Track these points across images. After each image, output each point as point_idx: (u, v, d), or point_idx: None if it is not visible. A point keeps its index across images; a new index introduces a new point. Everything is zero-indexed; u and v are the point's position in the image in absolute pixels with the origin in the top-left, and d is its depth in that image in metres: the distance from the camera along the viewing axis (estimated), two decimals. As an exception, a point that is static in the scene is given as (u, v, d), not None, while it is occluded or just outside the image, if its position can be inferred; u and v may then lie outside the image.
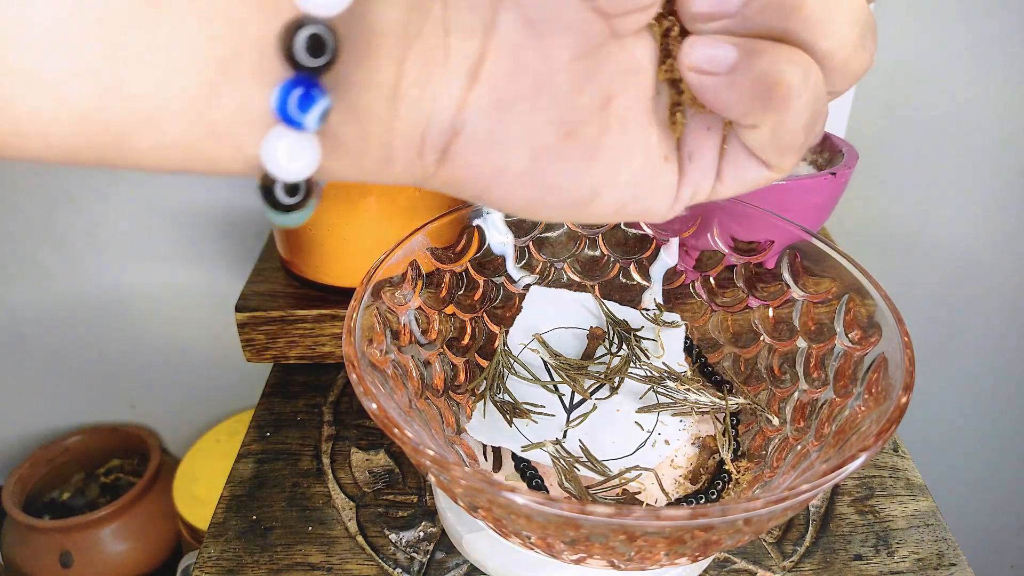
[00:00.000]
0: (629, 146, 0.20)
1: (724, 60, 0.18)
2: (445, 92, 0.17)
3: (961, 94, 0.64)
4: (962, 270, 0.76)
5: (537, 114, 0.18)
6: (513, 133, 0.18)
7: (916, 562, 0.35)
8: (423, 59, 0.17)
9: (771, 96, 0.18)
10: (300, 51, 0.14)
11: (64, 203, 0.68)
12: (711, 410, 0.34)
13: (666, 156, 0.20)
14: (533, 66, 0.18)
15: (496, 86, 0.18)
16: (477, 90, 0.18)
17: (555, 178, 0.19)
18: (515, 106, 0.18)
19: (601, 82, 0.19)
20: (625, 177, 0.20)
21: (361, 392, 0.24)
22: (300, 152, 0.16)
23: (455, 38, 0.17)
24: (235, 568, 0.35)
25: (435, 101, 0.17)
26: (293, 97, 0.15)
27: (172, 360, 0.80)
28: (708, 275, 0.38)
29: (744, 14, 0.17)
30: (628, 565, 0.25)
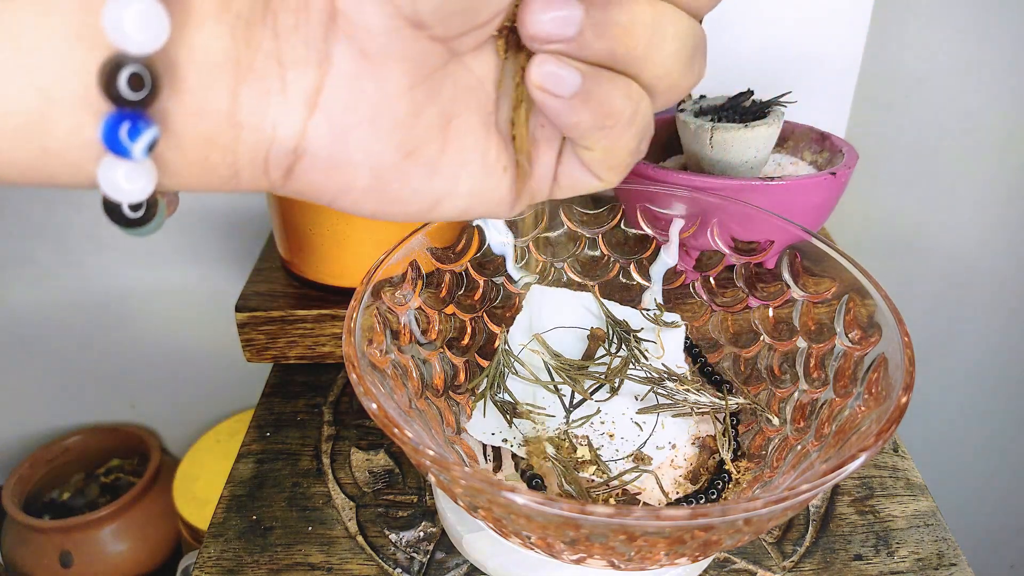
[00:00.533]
0: (468, 160, 0.21)
1: (569, 84, 0.19)
2: (284, 120, 0.18)
3: (961, 94, 0.64)
4: (962, 270, 0.76)
5: (377, 138, 0.19)
6: (353, 156, 0.19)
7: (916, 562, 0.35)
8: (258, 90, 0.17)
9: (604, 126, 0.20)
10: (121, 86, 0.15)
11: (64, 203, 0.68)
12: (711, 410, 0.34)
13: (504, 167, 0.22)
14: (370, 95, 0.18)
15: (334, 114, 0.18)
16: (316, 118, 0.18)
17: (398, 192, 0.20)
18: (354, 132, 0.19)
19: (441, 104, 0.20)
20: (465, 187, 0.21)
21: (361, 392, 0.24)
22: (136, 176, 0.16)
23: (290, 71, 0.17)
24: (235, 568, 0.35)
25: (276, 128, 0.18)
26: (121, 129, 0.15)
27: (172, 360, 0.80)
28: (708, 275, 0.38)
29: (579, 42, 0.18)
30: (628, 565, 0.25)
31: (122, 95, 0.15)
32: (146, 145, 0.16)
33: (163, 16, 0.15)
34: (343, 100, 0.18)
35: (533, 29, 0.18)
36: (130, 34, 0.15)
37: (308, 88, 0.18)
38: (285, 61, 0.17)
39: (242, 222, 0.70)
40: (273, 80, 0.17)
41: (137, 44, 0.15)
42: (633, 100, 0.20)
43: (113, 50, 0.15)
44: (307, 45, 0.17)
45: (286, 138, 0.18)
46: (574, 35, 0.18)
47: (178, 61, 0.16)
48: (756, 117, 0.43)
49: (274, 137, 0.18)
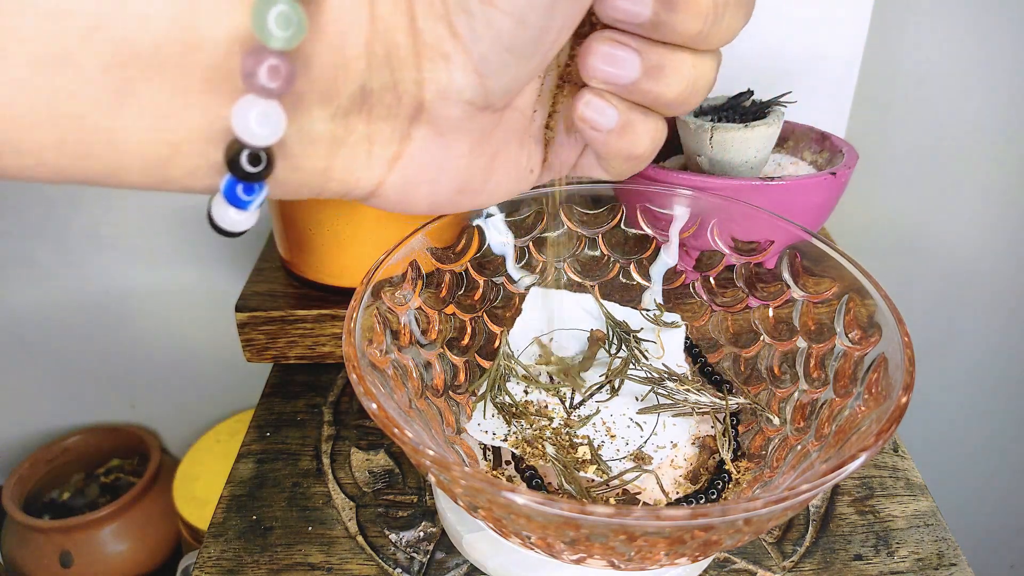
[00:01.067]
0: (505, 177, 0.25)
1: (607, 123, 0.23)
2: (367, 176, 0.22)
3: (961, 94, 0.64)
4: (962, 270, 0.76)
5: (438, 187, 0.23)
6: (416, 198, 0.23)
7: (916, 562, 0.35)
8: (349, 157, 0.21)
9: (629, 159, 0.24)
10: (243, 164, 0.18)
11: (64, 203, 0.68)
12: (711, 410, 0.34)
13: (531, 169, 0.26)
14: (439, 159, 0.22)
15: (406, 174, 0.22)
16: (392, 176, 0.22)
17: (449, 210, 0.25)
18: (420, 186, 0.23)
19: (491, 148, 0.24)
20: (500, 194, 0.25)
21: (361, 392, 0.24)
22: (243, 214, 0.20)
23: (377, 146, 0.21)
24: (235, 568, 0.35)
25: (359, 181, 0.22)
26: (238, 188, 0.19)
27: (172, 360, 0.80)
28: (708, 275, 0.38)
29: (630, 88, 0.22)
30: (628, 565, 0.25)
31: (244, 170, 0.18)
32: (259, 203, 0.19)
33: (281, 116, 0.18)
34: (416, 164, 0.22)
35: (594, 73, 0.22)
36: (254, 130, 0.18)
37: (389, 156, 0.22)
38: (374, 140, 0.21)
39: (242, 222, 0.70)
40: (361, 152, 0.21)
41: (259, 138, 0.18)
42: (658, 137, 0.24)
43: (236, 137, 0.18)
44: (393, 128, 0.21)
45: (366, 188, 0.22)
46: (628, 84, 0.22)
47: (287, 140, 0.19)
48: (756, 117, 0.43)
49: (356, 186, 0.22)
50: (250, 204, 0.19)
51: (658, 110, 0.23)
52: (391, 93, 0.20)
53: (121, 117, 0.17)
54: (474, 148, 0.23)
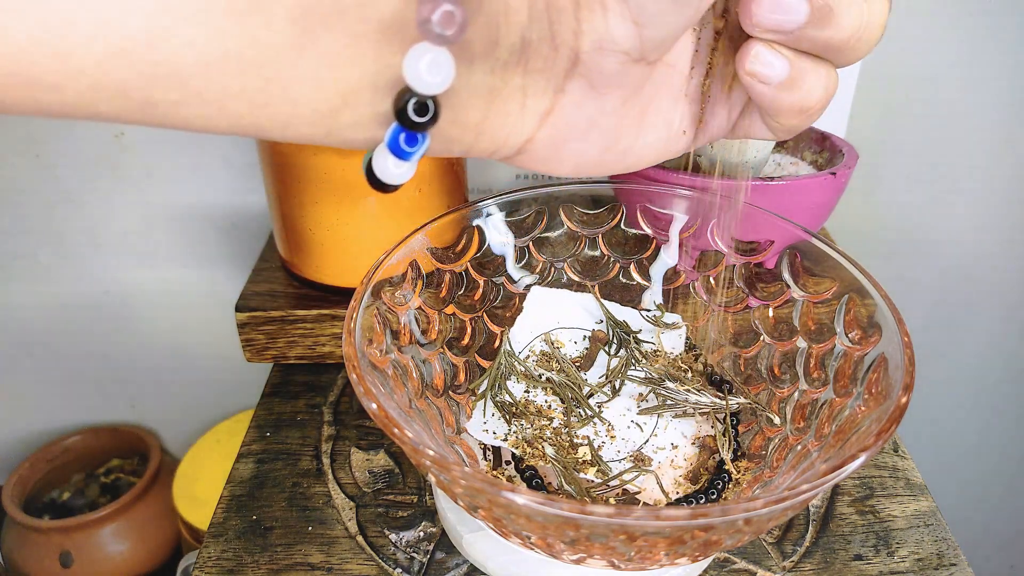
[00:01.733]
0: (655, 138, 0.24)
1: (777, 75, 0.21)
2: (517, 131, 0.22)
3: (961, 94, 0.64)
4: (962, 270, 0.76)
5: (586, 144, 0.23)
6: (564, 155, 0.23)
7: (916, 562, 0.35)
8: (503, 109, 0.21)
9: (802, 110, 0.23)
10: (410, 113, 0.18)
11: (64, 203, 0.68)
12: (711, 410, 0.34)
13: (684, 130, 0.25)
14: (590, 114, 0.22)
15: (557, 129, 0.22)
16: (542, 131, 0.22)
17: (594, 172, 0.24)
18: (569, 141, 0.22)
19: (640, 103, 0.23)
20: (650, 157, 0.25)
21: (361, 392, 0.24)
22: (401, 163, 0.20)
23: (530, 98, 0.21)
24: (235, 568, 0.35)
25: (508, 137, 0.22)
26: (401, 138, 0.19)
27: (172, 360, 0.80)
28: (708, 275, 0.38)
29: (798, 34, 0.21)
30: (628, 565, 0.25)
31: (411, 119, 0.18)
32: (421, 153, 0.20)
33: (451, 64, 0.18)
34: (567, 119, 0.22)
35: (759, 19, 0.20)
36: (424, 78, 0.18)
37: (542, 110, 0.22)
38: (528, 91, 0.21)
39: (242, 222, 0.70)
40: (515, 104, 0.21)
41: (429, 86, 0.18)
42: (831, 86, 0.22)
43: (406, 84, 0.18)
44: (548, 80, 0.21)
45: (515, 144, 0.22)
46: (796, 28, 0.20)
47: (454, 90, 0.19)
48: (756, 117, 0.43)
49: (505, 142, 0.22)
50: (412, 155, 0.19)
51: (829, 57, 0.22)
52: (548, 44, 0.20)
53: (300, 66, 0.17)
54: (625, 103, 0.22)
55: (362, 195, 0.41)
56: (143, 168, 0.66)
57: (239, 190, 0.68)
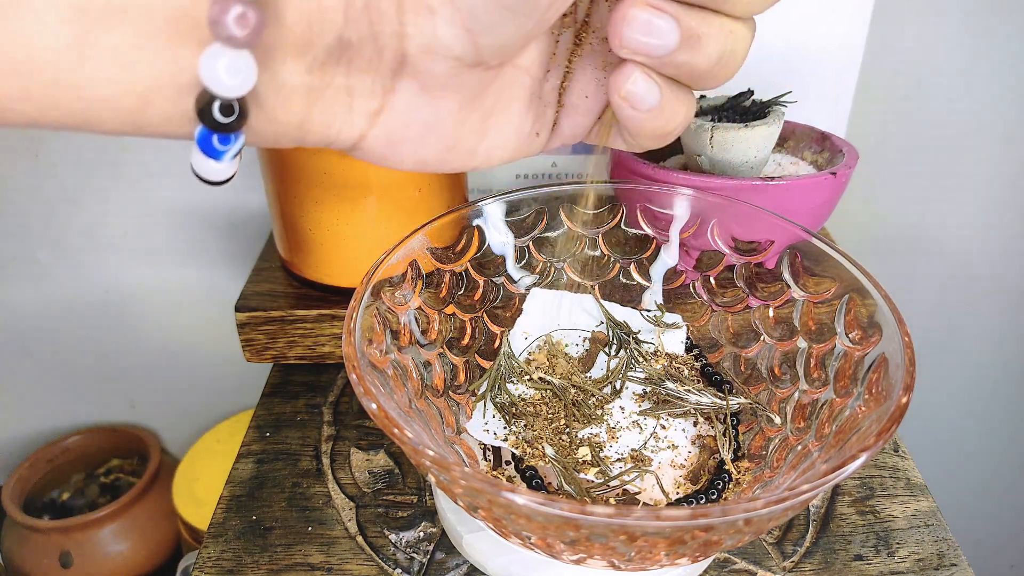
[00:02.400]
0: (503, 140, 0.24)
1: (649, 102, 0.21)
2: (347, 129, 0.21)
3: (961, 94, 0.64)
4: (962, 270, 0.76)
5: (424, 146, 0.22)
6: (403, 154, 0.22)
7: (916, 562, 0.35)
8: (328, 110, 0.20)
9: (661, 137, 0.23)
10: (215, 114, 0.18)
11: (64, 203, 0.68)
12: (711, 410, 0.34)
13: (537, 132, 0.24)
14: (423, 116, 0.21)
15: (390, 128, 0.21)
16: (375, 130, 0.21)
17: (438, 169, 0.23)
18: (405, 141, 0.22)
19: (484, 108, 0.22)
20: (497, 158, 0.24)
21: (361, 392, 0.24)
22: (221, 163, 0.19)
23: (357, 98, 0.20)
24: (235, 568, 0.35)
25: (339, 133, 0.21)
26: (213, 139, 0.18)
27: (172, 360, 0.80)
28: (708, 275, 0.38)
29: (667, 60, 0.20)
30: (628, 565, 0.24)
31: (216, 120, 0.18)
32: (234, 152, 0.19)
33: (251, 66, 0.17)
34: (400, 119, 0.21)
35: (630, 42, 0.20)
36: (223, 80, 0.17)
37: (371, 110, 0.21)
38: (353, 91, 0.20)
39: (242, 222, 0.70)
40: (341, 104, 0.20)
41: (229, 88, 0.17)
42: (690, 113, 0.22)
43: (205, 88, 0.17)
44: (374, 81, 0.20)
45: (347, 139, 0.21)
46: (665, 54, 0.20)
47: (261, 91, 0.18)
48: (756, 117, 0.43)
49: (337, 138, 0.21)
50: (225, 154, 0.19)
51: (691, 83, 0.22)
52: (371, 45, 0.19)
53: (84, 69, 0.16)
54: (464, 106, 0.22)
55: (362, 195, 0.41)
56: (143, 168, 0.66)
57: (239, 190, 0.68)
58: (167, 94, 0.17)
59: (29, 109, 0.17)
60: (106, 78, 0.17)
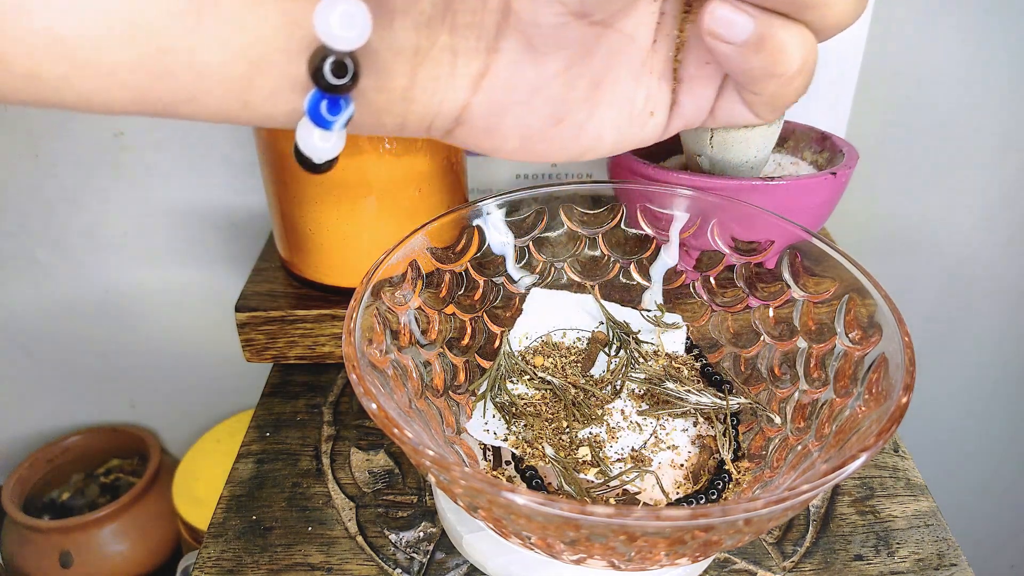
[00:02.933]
0: (614, 116, 0.22)
1: (741, 32, 0.19)
2: (451, 97, 0.20)
3: (961, 94, 0.64)
4: (962, 270, 0.76)
5: (530, 113, 0.21)
6: (507, 126, 0.21)
7: (916, 562, 0.35)
8: (432, 73, 0.19)
9: (775, 74, 0.20)
10: (327, 74, 0.17)
11: (64, 203, 0.68)
12: (711, 410, 0.34)
13: (652, 112, 0.23)
14: (529, 78, 0.20)
15: (495, 94, 0.20)
16: (478, 97, 0.20)
17: (545, 150, 0.22)
18: (510, 109, 0.20)
19: (592, 73, 0.21)
20: (610, 139, 0.22)
21: (361, 392, 0.24)
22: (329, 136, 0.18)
23: (461, 58, 0.19)
24: (235, 568, 0.35)
25: (442, 104, 0.20)
26: (323, 106, 0.17)
27: (172, 360, 0.80)
28: (708, 275, 0.38)
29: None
30: (628, 566, 0.25)
31: (328, 81, 0.17)
32: (344, 121, 0.18)
33: (366, 16, 0.16)
34: (504, 82, 0.20)
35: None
36: (337, 32, 0.16)
37: (474, 73, 0.20)
38: (458, 51, 0.19)
39: (242, 222, 0.70)
40: (444, 65, 0.19)
41: (343, 41, 0.16)
42: (805, 48, 0.20)
43: (320, 42, 0.17)
44: (479, 38, 0.19)
45: (450, 111, 0.20)
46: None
47: (373, 48, 0.18)
48: (756, 117, 0.43)
49: (439, 111, 0.20)
50: (334, 123, 0.18)
51: (800, 17, 0.19)
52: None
53: (200, 31, 0.16)
54: (571, 67, 0.20)
55: (362, 195, 0.41)
56: (143, 168, 0.66)
57: (239, 190, 0.68)
58: (278, 61, 0.17)
59: (141, 80, 0.16)
60: (219, 42, 0.16)
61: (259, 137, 0.42)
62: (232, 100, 0.17)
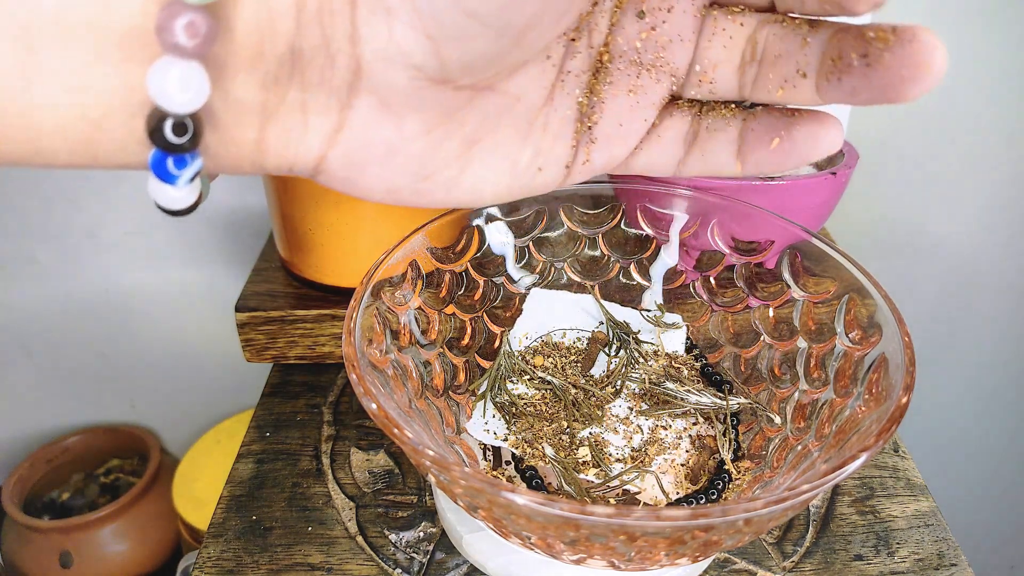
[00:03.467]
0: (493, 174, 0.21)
1: None
2: (305, 150, 0.19)
3: (961, 94, 0.64)
4: (962, 270, 0.76)
5: (391, 171, 0.20)
6: (369, 178, 0.20)
7: (916, 562, 0.35)
8: (283, 128, 0.19)
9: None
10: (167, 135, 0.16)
11: (64, 203, 0.68)
12: (711, 410, 0.34)
13: (540, 168, 0.22)
14: (388, 137, 0.19)
15: (350, 150, 0.20)
16: (335, 151, 0.20)
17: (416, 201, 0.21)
18: (370, 163, 0.20)
19: (463, 132, 0.20)
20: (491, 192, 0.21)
21: (361, 392, 0.24)
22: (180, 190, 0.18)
23: (312, 116, 0.19)
24: (235, 568, 0.35)
25: (296, 155, 0.19)
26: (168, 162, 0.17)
27: (172, 360, 0.80)
28: (708, 275, 0.38)
29: None
30: (628, 566, 0.24)
31: (168, 141, 0.17)
32: (191, 175, 0.18)
33: (203, 78, 0.16)
34: (360, 140, 0.19)
35: None
36: (173, 96, 0.16)
37: (328, 129, 0.19)
38: (308, 109, 0.19)
39: (242, 222, 0.70)
40: (295, 122, 0.19)
41: (179, 104, 0.16)
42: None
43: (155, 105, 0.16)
44: (330, 96, 0.19)
45: (306, 162, 0.20)
46: None
47: (214, 108, 0.17)
48: (756, 117, 0.43)
49: (296, 160, 0.19)
50: (179, 179, 0.17)
51: None
52: (323, 53, 0.18)
53: (32, 94, 0.16)
54: (435, 128, 0.19)
55: (362, 195, 0.41)
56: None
57: (239, 190, 0.68)
58: (119, 119, 0.17)
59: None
60: (56, 104, 0.16)
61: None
62: (80, 155, 0.17)
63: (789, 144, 0.21)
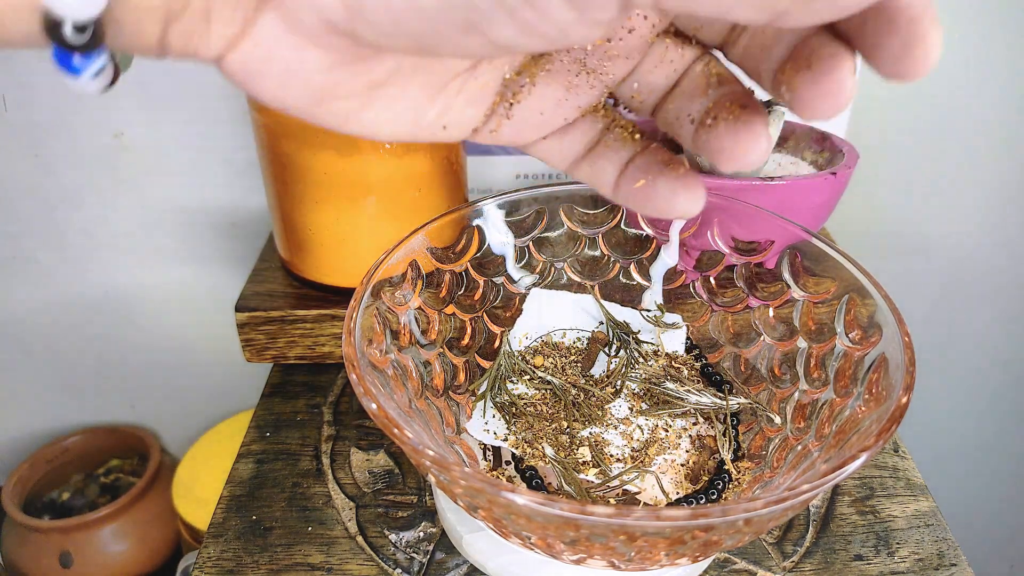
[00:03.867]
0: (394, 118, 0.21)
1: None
2: (205, 49, 0.19)
3: (961, 94, 0.64)
4: (962, 270, 0.76)
5: (285, 90, 0.20)
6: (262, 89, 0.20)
7: (916, 562, 0.35)
8: (184, 32, 0.18)
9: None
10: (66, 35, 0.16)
11: (64, 203, 0.68)
12: (711, 410, 0.34)
13: (444, 127, 0.21)
14: (285, 59, 0.19)
15: (249, 60, 0.19)
16: (233, 55, 0.19)
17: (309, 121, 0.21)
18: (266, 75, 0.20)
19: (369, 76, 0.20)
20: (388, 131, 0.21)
21: (361, 392, 0.24)
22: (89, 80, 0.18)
23: (215, 24, 0.18)
24: (235, 568, 0.35)
25: (197, 53, 0.19)
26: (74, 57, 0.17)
27: (172, 360, 0.80)
28: (708, 275, 0.38)
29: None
30: (628, 566, 0.24)
31: (68, 42, 0.16)
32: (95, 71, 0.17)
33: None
34: (259, 55, 0.19)
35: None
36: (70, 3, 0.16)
37: (230, 35, 0.19)
38: (212, 18, 0.18)
39: (242, 222, 0.70)
40: (199, 27, 0.18)
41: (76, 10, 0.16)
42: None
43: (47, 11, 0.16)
44: (235, 9, 0.18)
45: (206, 58, 0.19)
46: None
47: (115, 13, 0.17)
48: (756, 117, 0.43)
49: (196, 56, 0.19)
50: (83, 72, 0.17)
51: None
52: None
53: None
54: (338, 68, 0.19)
55: (362, 195, 0.41)
56: (143, 168, 0.66)
57: (239, 190, 0.68)
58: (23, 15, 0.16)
59: None
60: None
61: (260, 138, 0.42)
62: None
63: (651, 190, 0.22)
